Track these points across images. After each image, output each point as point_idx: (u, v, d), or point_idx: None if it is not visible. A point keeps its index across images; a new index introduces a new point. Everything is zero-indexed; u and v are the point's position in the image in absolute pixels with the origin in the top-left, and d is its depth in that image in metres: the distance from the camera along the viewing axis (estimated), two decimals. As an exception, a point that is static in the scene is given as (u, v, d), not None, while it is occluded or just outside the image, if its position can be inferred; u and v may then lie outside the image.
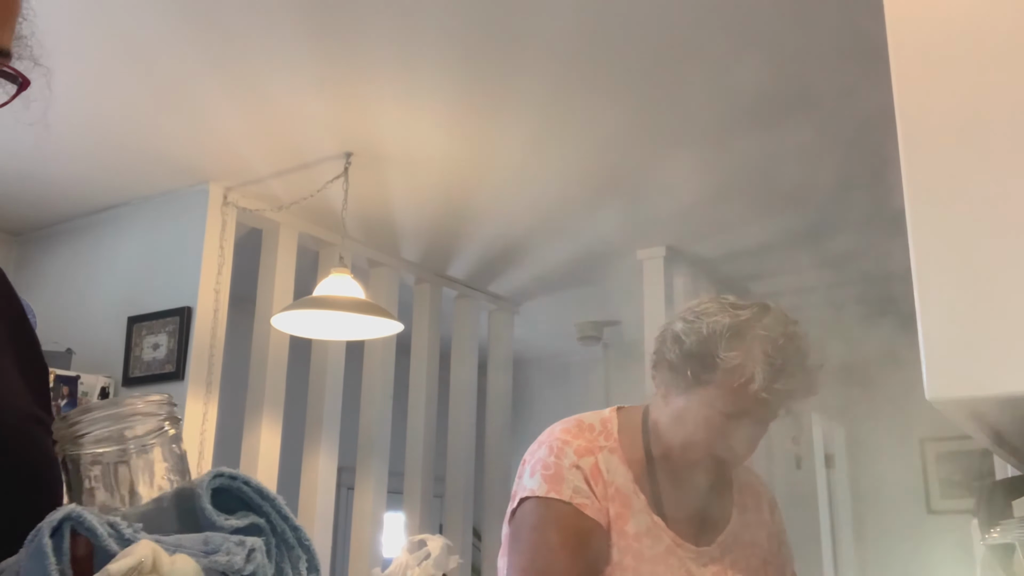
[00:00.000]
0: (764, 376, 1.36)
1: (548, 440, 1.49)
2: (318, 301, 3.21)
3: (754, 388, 1.37)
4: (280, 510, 0.62)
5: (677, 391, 1.46)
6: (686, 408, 1.44)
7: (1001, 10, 0.84)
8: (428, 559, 2.48)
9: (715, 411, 1.41)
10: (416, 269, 4.67)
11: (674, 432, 1.46)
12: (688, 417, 1.44)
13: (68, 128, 3.21)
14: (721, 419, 1.41)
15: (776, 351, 1.37)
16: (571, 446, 1.46)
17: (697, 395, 1.42)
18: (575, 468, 1.44)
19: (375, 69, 2.85)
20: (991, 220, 0.80)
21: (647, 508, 1.46)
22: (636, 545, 1.44)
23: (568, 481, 1.42)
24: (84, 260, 3.95)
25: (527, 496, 1.44)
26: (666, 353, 1.47)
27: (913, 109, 0.85)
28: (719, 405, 1.40)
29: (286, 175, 3.63)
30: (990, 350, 0.78)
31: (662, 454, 1.49)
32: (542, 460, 1.46)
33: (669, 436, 1.47)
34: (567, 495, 1.41)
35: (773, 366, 1.37)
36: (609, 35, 2.65)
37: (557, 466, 1.44)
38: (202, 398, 3.56)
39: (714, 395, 1.40)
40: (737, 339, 1.39)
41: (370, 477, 4.27)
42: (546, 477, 1.43)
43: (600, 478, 1.45)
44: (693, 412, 1.43)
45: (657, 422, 1.50)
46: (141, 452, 0.58)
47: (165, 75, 2.88)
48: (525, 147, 3.38)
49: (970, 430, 0.98)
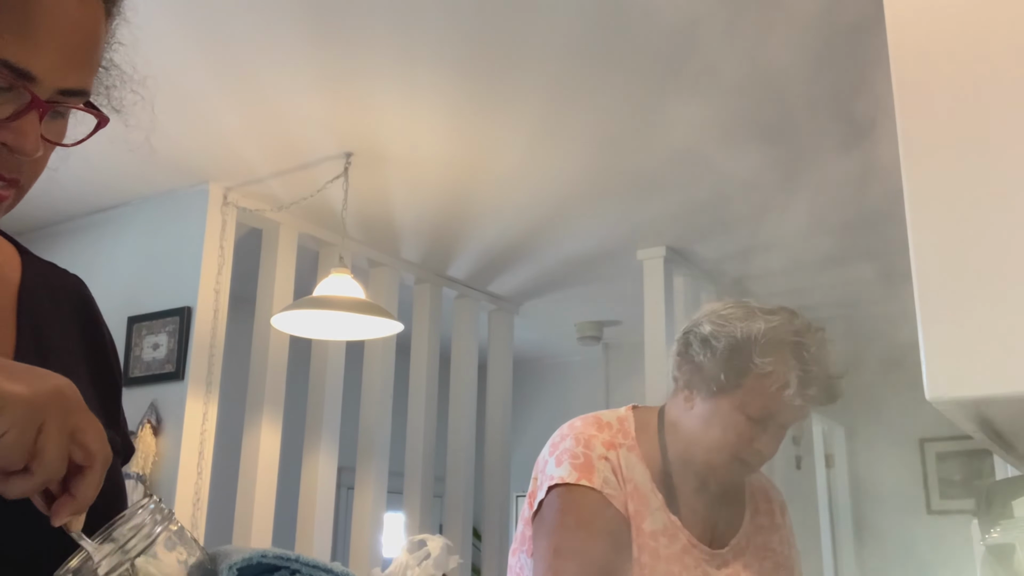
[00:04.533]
0: (798, 382, 1.38)
1: (572, 433, 1.48)
2: (318, 301, 3.21)
3: (788, 394, 1.38)
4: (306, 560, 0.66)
5: (704, 394, 1.46)
6: (714, 412, 1.45)
7: (1001, 10, 0.84)
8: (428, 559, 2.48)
9: (744, 416, 1.42)
10: (416, 269, 4.67)
11: (699, 435, 1.47)
12: (715, 420, 1.44)
13: (67, 128, 3.21)
14: (749, 423, 1.42)
15: (810, 357, 1.39)
16: (598, 439, 1.47)
17: (727, 399, 1.43)
18: (604, 459, 1.44)
19: (375, 69, 2.85)
20: (991, 220, 0.80)
21: (664, 507, 1.47)
22: (652, 543, 1.44)
23: (599, 471, 1.43)
24: (84, 260, 3.95)
25: (556, 484, 1.43)
26: (693, 356, 1.47)
27: (913, 109, 0.85)
28: (750, 410, 1.41)
29: (286, 175, 3.63)
30: (990, 350, 0.78)
31: (679, 455, 1.49)
32: (569, 450, 1.45)
33: (693, 438, 1.48)
34: (598, 484, 1.42)
35: (807, 372, 1.38)
36: (609, 35, 2.65)
37: (587, 456, 1.44)
38: (202, 398, 3.56)
39: (745, 400, 1.41)
40: (771, 345, 1.40)
41: (370, 477, 4.27)
42: (576, 466, 1.43)
43: (621, 474, 1.45)
44: (722, 415, 1.44)
45: (677, 423, 1.50)
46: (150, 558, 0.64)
47: (165, 75, 2.88)
48: (525, 147, 3.38)
49: (970, 430, 0.98)
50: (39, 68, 0.70)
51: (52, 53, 0.71)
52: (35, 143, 0.72)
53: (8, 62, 0.68)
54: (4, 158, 0.72)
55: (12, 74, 0.69)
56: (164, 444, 3.51)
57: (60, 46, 0.71)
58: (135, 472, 3.42)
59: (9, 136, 0.70)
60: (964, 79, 0.85)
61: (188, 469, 3.47)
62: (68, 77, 0.72)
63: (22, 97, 0.70)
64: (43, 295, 0.86)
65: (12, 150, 0.71)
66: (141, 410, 3.57)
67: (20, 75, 0.69)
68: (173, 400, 3.54)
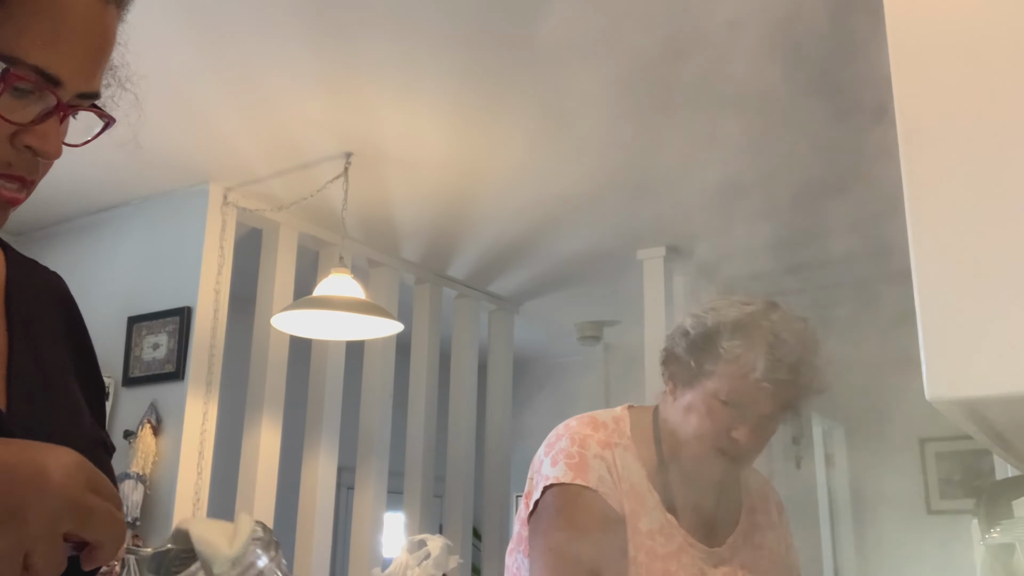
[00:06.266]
0: (765, 366, 1.38)
1: (567, 432, 1.49)
2: (318, 301, 3.21)
3: (754, 377, 1.38)
4: None
5: (683, 384, 1.48)
6: (692, 400, 1.46)
7: (1001, 10, 0.84)
8: (428, 559, 2.48)
9: (719, 402, 1.42)
10: (416, 269, 4.67)
11: (681, 425, 1.48)
12: (692, 408, 1.46)
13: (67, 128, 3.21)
14: (725, 410, 1.42)
15: (779, 343, 1.39)
16: (593, 438, 1.47)
17: (701, 386, 1.45)
18: (599, 459, 1.45)
19: (375, 69, 2.85)
20: (991, 220, 0.80)
21: (660, 506, 1.47)
22: (649, 542, 1.44)
23: (594, 469, 1.43)
24: (84, 260, 3.95)
25: (551, 484, 1.43)
26: (674, 348, 1.50)
27: (913, 109, 0.85)
28: (723, 395, 1.42)
29: (286, 175, 3.63)
30: (990, 350, 0.78)
31: (672, 451, 1.50)
32: (564, 450, 1.45)
33: (677, 429, 1.48)
34: (593, 483, 1.42)
35: (774, 357, 1.38)
36: (609, 35, 2.65)
37: (582, 455, 1.44)
38: (202, 398, 3.56)
39: (717, 385, 1.42)
40: (740, 330, 1.42)
41: (370, 477, 4.27)
42: (571, 465, 1.43)
43: (616, 473, 1.46)
44: (697, 403, 1.45)
45: (667, 419, 1.51)
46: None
47: (165, 75, 2.88)
48: (525, 147, 3.38)
49: (970, 430, 0.98)
50: (65, 73, 0.72)
51: (77, 59, 0.73)
52: (59, 146, 0.74)
53: (39, 68, 0.70)
54: (27, 160, 0.73)
55: (42, 79, 0.71)
56: (164, 444, 3.51)
57: (84, 52, 0.74)
58: (135, 472, 3.42)
59: (34, 139, 0.72)
60: (964, 79, 0.84)
61: (188, 469, 3.47)
62: (89, 82, 0.75)
63: (46, 100, 0.72)
64: (29, 293, 0.86)
65: (36, 153, 0.73)
66: (141, 410, 3.57)
67: (49, 80, 0.71)
68: (173, 400, 3.54)
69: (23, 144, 0.72)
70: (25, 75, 0.70)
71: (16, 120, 0.71)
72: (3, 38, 0.69)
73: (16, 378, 0.78)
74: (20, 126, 0.71)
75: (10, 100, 0.71)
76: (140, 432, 3.49)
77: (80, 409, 0.84)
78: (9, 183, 0.73)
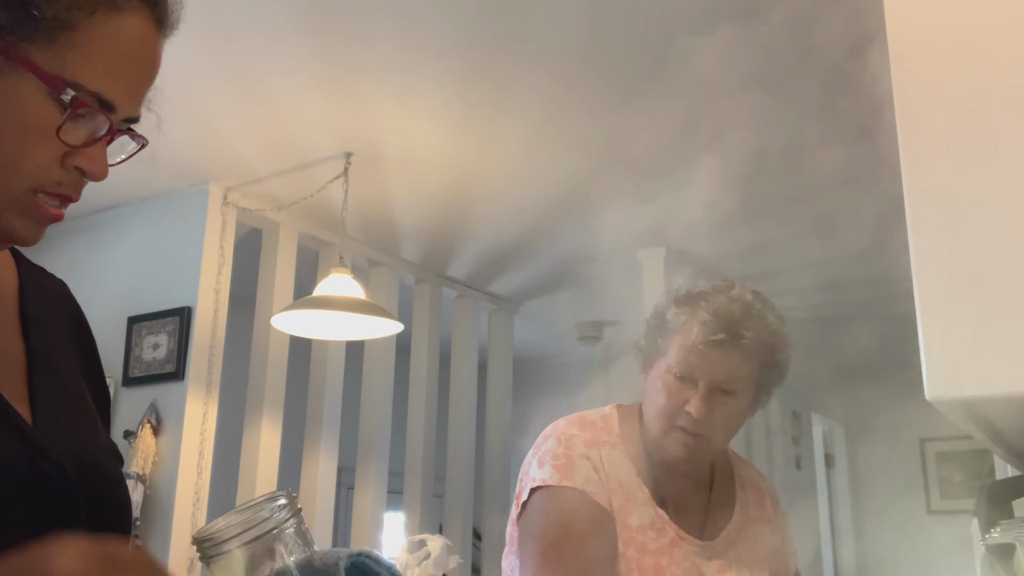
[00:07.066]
0: (700, 328, 1.39)
1: (554, 433, 1.50)
2: (318, 301, 3.21)
3: (693, 340, 1.40)
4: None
5: (647, 368, 1.50)
6: (651, 381, 1.48)
7: (1001, 10, 0.84)
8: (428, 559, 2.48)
9: (671, 376, 1.43)
10: (416, 269, 4.67)
11: (646, 407, 1.49)
12: (652, 388, 1.47)
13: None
14: (678, 383, 1.42)
15: (720, 309, 1.40)
16: (579, 438, 1.48)
17: (658, 365, 1.47)
18: (585, 458, 1.45)
19: (375, 69, 2.85)
20: (991, 220, 0.80)
21: (650, 501, 1.47)
22: (640, 537, 1.44)
23: (580, 470, 1.43)
24: (84, 260, 3.95)
25: (538, 486, 1.44)
26: (639, 338, 1.52)
27: (913, 109, 0.85)
28: (673, 368, 1.43)
29: (286, 175, 3.63)
30: (990, 350, 0.78)
31: (651, 442, 1.50)
32: (551, 451, 1.46)
33: (644, 414, 1.49)
34: (580, 483, 1.42)
35: (712, 320, 1.39)
36: (609, 35, 2.65)
37: (567, 456, 1.45)
38: (202, 398, 3.56)
39: (669, 360, 1.44)
40: (685, 301, 1.44)
41: (370, 477, 4.27)
42: (557, 467, 1.44)
43: (604, 471, 1.46)
44: (655, 381, 1.46)
45: (644, 410, 1.51)
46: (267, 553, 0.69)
47: (165, 75, 2.88)
48: (525, 147, 3.38)
49: (970, 430, 0.98)
50: (120, 100, 0.76)
51: (131, 87, 0.78)
52: (106, 168, 0.78)
53: (99, 95, 0.73)
54: (74, 180, 0.76)
55: (99, 105, 0.74)
56: (164, 444, 3.51)
57: (138, 79, 0.79)
58: (135, 472, 3.42)
59: (85, 161, 0.75)
60: (964, 79, 0.85)
61: (188, 469, 3.47)
62: (137, 107, 0.80)
63: (98, 123, 0.75)
64: (41, 300, 0.88)
65: (85, 174, 0.76)
66: (141, 410, 3.57)
67: (104, 106, 0.74)
68: (173, 400, 3.54)
69: (73, 165, 0.75)
70: (88, 102, 0.73)
71: (70, 142, 0.74)
72: (69, 65, 0.72)
73: (38, 389, 0.79)
74: (73, 148, 0.74)
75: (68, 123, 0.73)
76: (140, 432, 3.49)
77: (96, 418, 0.84)
78: (54, 200, 0.76)
